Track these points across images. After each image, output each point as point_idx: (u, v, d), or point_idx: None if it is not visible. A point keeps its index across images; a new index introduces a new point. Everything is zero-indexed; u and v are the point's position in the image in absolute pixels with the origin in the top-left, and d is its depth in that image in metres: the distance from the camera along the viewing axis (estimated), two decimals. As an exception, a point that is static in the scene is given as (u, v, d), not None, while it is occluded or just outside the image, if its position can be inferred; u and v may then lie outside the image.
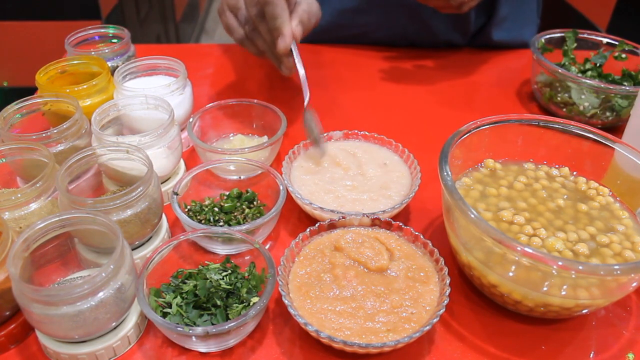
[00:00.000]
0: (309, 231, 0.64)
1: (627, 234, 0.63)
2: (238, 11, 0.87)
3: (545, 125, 0.72)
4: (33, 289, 0.50)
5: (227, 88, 1.05)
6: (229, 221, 0.69)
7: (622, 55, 1.01)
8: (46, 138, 0.69)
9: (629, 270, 0.52)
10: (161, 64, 0.87)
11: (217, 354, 0.58)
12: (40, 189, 0.61)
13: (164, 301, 0.58)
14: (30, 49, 2.28)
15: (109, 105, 0.74)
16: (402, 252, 0.63)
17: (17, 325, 0.58)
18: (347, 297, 0.58)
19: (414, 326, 0.56)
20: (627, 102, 0.90)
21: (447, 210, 0.64)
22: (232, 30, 0.90)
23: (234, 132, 0.88)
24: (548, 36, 1.05)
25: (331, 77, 1.10)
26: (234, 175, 0.77)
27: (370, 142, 0.82)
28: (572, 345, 0.60)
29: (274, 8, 0.78)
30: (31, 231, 0.54)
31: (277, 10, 0.78)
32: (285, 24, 0.79)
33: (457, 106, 1.03)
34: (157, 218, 0.65)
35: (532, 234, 0.62)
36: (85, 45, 0.95)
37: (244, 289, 0.59)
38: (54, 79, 0.84)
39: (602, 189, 0.69)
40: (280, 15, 0.78)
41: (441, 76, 1.12)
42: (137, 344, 0.59)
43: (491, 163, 0.73)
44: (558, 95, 0.97)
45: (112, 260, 0.52)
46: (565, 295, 0.56)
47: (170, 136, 0.72)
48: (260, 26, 0.83)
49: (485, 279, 0.60)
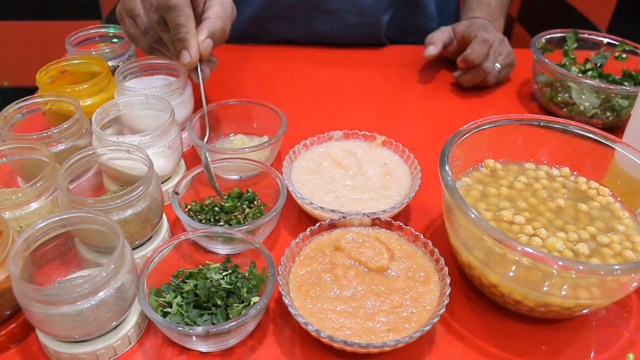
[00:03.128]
0: (310, 231, 0.64)
1: (628, 234, 0.63)
2: (137, 18, 0.73)
3: (545, 125, 0.72)
4: (33, 289, 0.50)
5: (227, 88, 1.05)
6: (229, 221, 0.69)
7: (622, 55, 1.01)
8: (47, 138, 0.69)
9: (629, 270, 0.52)
10: (161, 64, 0.86)
11: (218, 353, 0.58)
12: (41, 188, 0.61)
13: (165, 301, 0.58)
14: (30, 48, 2.28)
15: (110, 105, 0.74)
16: (402, 251, 0.63)
17: (17, 324, 0.58)
18: (348, 296, 0.58)
19: (414, 326, 0.56)
20: (627, 102, 0.90)
21: (448, 210, 0.64)
22: (135, 40, 0.77)
23: (234, 132, 0.88)
24: (548, 36, 1.05)
25: (330, 77, 1.10)
26: (234, 174, 0.77)
27: (370, 142, 0.82)
28: (572, 345, 0.60)
29: (177, 16, 0.66)
30: (31, 231, 0.54)
31: (181, 18, 0.67)
32: (190, 36, 0.68)
33: (458, 106, 1.03)
34: (158, 218, 0.65)
35: (532, 233, 0.62)
36: (85, 45, 0.95)
37: (245, 288, 0.59)
38: (54, 78, 0.84)
39: (603, 189, 0.69)
40: (184, 24, 0.67)
41: (441, 76, 1.12)
42: (137, 343, 0.59)
43: (491, 163, 0.73)
44: (558, 95, 0.97)
45: (112, 260, 0.52)
46: (566, 295, 0.56)
47: (170, 136, 0.72)
48: (164, 35, 0.71)
49: (486, 278, 0.60)
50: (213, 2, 0.74)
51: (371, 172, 0.77)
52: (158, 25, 0.69)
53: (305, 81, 1.09)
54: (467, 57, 0.99)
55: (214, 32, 0.72)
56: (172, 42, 0.70)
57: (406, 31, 1.23)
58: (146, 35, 0.73)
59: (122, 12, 0.74)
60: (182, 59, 0.69)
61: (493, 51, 1.02)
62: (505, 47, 1.06)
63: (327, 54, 1.18)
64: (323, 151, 0.80)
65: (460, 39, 1.05)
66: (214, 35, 0.72)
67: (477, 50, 0.99)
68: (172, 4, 0.66)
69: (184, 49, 0.68)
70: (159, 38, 0.73)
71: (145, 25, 0.72)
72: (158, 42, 0.73)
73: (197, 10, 0.73)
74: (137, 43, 0.76)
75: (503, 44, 1.06)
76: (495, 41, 1.02)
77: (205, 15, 0.72)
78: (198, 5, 0.72)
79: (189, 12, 0.67)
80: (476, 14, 1.13)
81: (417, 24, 1.22)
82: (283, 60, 1.16)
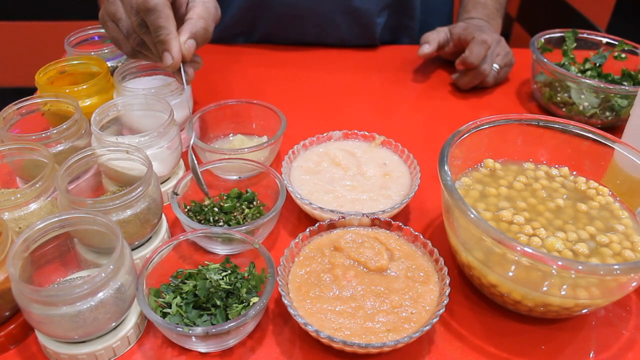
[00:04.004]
0: (309, 231, 0.64)
1: (627, 234, 0.63)
2: (119, 21, 0.72)
3: (544, 125, 0.72)
4: (33, 289, 0.50)
5: (227, 88, 1.05)
6: (228, 221, 0.69)
7: (621, 55, 1.01)
8: (46, 138, 0.69)
9: (629, 270, 0.52)
10: (160, 64, 0.86)
11: (217, 354, 0.58)
12: (40, 189, 0.61)
13: (164, 301, 0.58)
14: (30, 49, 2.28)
15: (109, 106, 0.74)
16: (401, 252, 0.63)
17: (16, 325, 0.58)
18: (347, 297, 0.58)
19: (413, 326, 0.56)
20: (626, 101, 0.90)
21: (447, 210, 0.64)
22: (118, 44, 0.75)
23: (233, 132, 0.88)
24: (548, 36, 1.05)
25: (330, 77, 1.10)
26: (233, 175, 0.77)
27: (370, 142, 0.82)
28: (572, 345, 0.60)
29: (156, 18, 0.65)
30: (31, 231, 0.54)
31: (161, 20, 0.66)
32: (171, 38, 0.67)
33: (457, 106, 1.03)
34: (157, 218, 0.65)
35: (531, 233, 0.62)
36: (84, 45, 0.95)
37: (244, 289, 0.59)
38: (53, 79, 0.84)
39: (602, 188, 0.69)
40: (164, 26, 0.66)
41: (441, 76, 1.12)
42: (136, 344, 0.59)
43: (491, 163, 0.73)
44: (558, 95, 0.97)
45: (111, 261, 0.52)
46: (565, 295, 0.56)
47: (170, 136, 0.72)
48: (146, 38, 0.70)
49: (485, 278, 0.60)
50: (195, 3, 0.73)
51: (370, 172, 0.77)
52: (140, 28, 0.69)
53: (305, 81, 1.09)
54: (466, 59, 0.99)
55: (196, 32, 0.71)
56: (154, 44, 0.69)
57: (398, 33, 1.24)
58: (129, 39, 0.72)
59: (104, 16, 0.73)
60: (165, 61, 0.68)
61: (490, 53, 1.02)
62: (502, 47, 1.06)
63: (327, 55, 1.18)
64: (322, 151, 0.80)
65: (456, 40, 1.05)
66: (196, 36, 0.71)
67: (476, 52, 0.99)
68: (151, 5, 0.65)
69: (166, 50, 0.67)
70: (141, 41, 0.72)
71: (127, 28, 0.71)
72: (141, 45, 0.72)
73: (180, 12, 0.72)
74: (121, 47, 0.75)
75: (500, 45, 1.06)
76: (493, 42, 1.02)
77: (188, 16, 0.72)
78: (180, 7, 0.71)
79: (168, 13, 0.66)
80: (472, 15, 1.13)
81: (409, 26, 1.23)
82: (283, 60, 1.16)
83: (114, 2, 0.71)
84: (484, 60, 1.01)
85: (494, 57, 1.03)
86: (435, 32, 1.08)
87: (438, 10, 1.29)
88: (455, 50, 1.07)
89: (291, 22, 1.15)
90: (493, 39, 1.03)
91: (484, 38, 0.99)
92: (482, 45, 0.99)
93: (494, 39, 1.04)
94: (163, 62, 0.68)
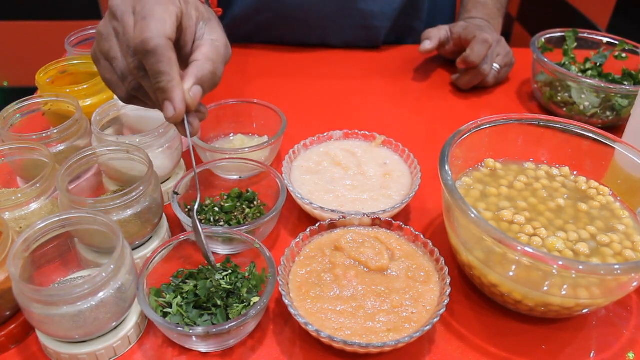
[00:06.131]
0: (309, 231, 0.64)
1: (628, 234, 0.63)
2: (114, 61, 0.60)
3: (545, 124, 0.72)
4: (33, 289, 0.50)
5: (227, 88, 1.05)
6: (229, 221, 0.69)
7: (622, 54, 1.01)
8: (46, 138, 0.69)
9: (630, 270, 0.51)
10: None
11: (218, 353, 0.58)
12: (41, 189, 0.61)
13: (165, 301, 0.58)
14: (30, 49, 2.28)
15: (109, 105, 0.74)
16: (402, 251, 0.63)
17: (17, 325, 0.58)
18: (348, 296, 0.58)
19: (414, 326, 0.56)
20: (627, 101, 0.90)
21: (448, 210, 0.64)
22: (112, 86, 0.63)
23: (234, 132, 0.88)
24: (548, 36, 1.05)
25: (330, 77, 1.10)
26: (234, 175, 0.77)
27: (370, 142, 0.82)
28: (572, 345, 0.60)
29: (156, 62, 0.54)
30: (31, 231, 0.54)
31: (161, 65, 0.54)
32: (172, 85, 0.56)
33: (457, 106, 1.03)
34: (157, 218, 0.65)
35: (532, 233, 0.62)
36: (85, 45, 0.95)
37: (245, 288, 0.59)
38: (54, 79, 0.84)
39: (603, 188, 0.69)
40: (166, 72, 0.55)
41: (442, 76, 1.12)
42: (137, 344, 0.59)
43: (491, 163, 0.73)
44: (558, 95, 0.97)
45: (112, 260, 0.52)
46: (566, 294, 0.56)
47: (170, 136, 0.72)
48: (144, 82, 0.59)
49: (486, 278, 0.60)
50: (203, 41, 0.62)
51: (371, 172, 0.77)
52: (137, 71, 0.58)
53: (305, 81, 1.09)
54: (467, 58, 0.99)
55: (202, 77, 0.59)
56: (154, 91, 0.58)
57: (403, 34, 1.24)
58: (124, 82, 0.61)
59: (97, 53, 0.62)
60: (166, 113, 0.57)
61: (490, 52, 1.02)
62: (503, 47, 1.06)
63: (327, 54, 1.18)
64: (323, 151, 0.80)
65: (457, 39, 1.05)
66: (202, 82, 0.59)
67: (477, 51, 0.99)
68: (151, 47, 0.54)
69: (167, 100, 0.56)
70: (138, 85, 0.61)
71: (122, 70, 0.60)
72: (137, 90, 0.61)
73: (185, 51, 0.61)
74: (114, 90, 0.63)
75: (500, 44, 1.06)
76: (493, 42, 1.02)
77: (194, 57, 0.60)
78: (185, 45, 0.60)
79: (170, 56, 0.55)
80: (473, 14, 1.13)
81: (415, 27, 1.23)
82: (283, 60, 1.16)
83: (108, 38, 0.60)
84: (485, 60, 1.01)
85: (494, 57, 1.03)
86: (437, 29, 1.08)
87: (442, 11, 1.29)
88: (456, 50, 1.07)
89: (295, 25, 1.15)
90: (494, 38, 1.03)
91: (485, 37, 0.99)
92: (483, 45, 0.99)
93: (495, 38, 1.04)
94: (164, 113, 0.58)
